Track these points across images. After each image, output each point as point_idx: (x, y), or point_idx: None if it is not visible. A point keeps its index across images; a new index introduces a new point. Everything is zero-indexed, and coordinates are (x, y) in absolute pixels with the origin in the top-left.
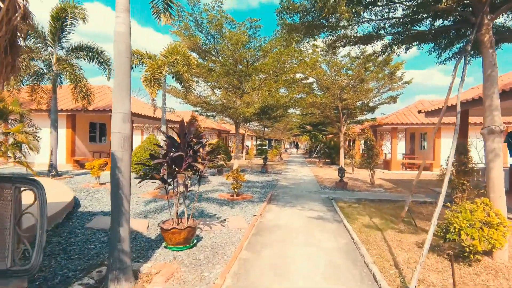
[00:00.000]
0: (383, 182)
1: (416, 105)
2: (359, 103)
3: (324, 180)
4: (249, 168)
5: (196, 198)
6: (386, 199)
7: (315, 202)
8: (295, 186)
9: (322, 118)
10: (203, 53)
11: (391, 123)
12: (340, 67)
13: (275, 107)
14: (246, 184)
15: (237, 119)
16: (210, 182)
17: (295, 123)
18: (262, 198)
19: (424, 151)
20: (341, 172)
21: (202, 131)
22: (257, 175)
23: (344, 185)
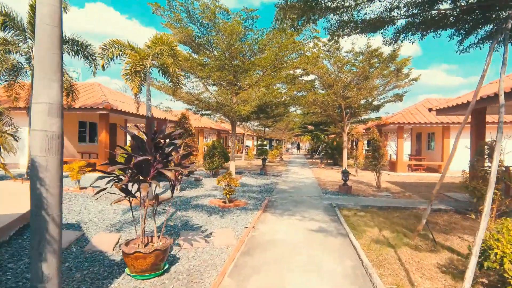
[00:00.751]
0: (389, 186)
1: (423, 103)
2: (363, 101)
3: (326, 183)
4: (248, 169)
5: (167, 214)
6: (395, 206)
7: (316, 209)
8: (295, 191)
9: (324, 118)
10: (196, 46)
11: (397, 123)
12: (343, 63)
13: (274, 105)
14: (242, 188)
15: (233, 117)
16: (203, 186)
17: (296, 123)
18: (258, 205)
19: (431, 152)
20: (345, 175)
21: (193, 131)
22: (255, 178)
23: (348, 189)
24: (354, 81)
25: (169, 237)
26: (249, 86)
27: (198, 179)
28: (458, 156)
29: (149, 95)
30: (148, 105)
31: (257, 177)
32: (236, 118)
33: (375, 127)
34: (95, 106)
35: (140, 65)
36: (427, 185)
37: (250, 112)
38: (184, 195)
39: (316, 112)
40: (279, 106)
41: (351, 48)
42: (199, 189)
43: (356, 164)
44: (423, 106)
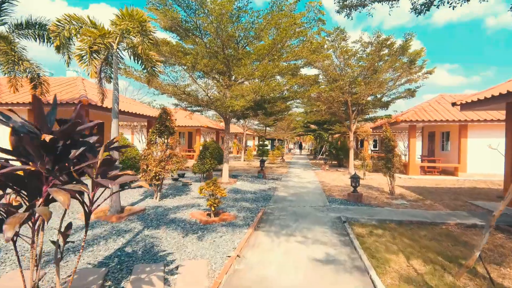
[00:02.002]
0: (404, 191)
1: (437, 100)
2: (371, 97)
3: (332, 189)
4: (246, 171)
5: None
6: (419, 221)
7: (322, 226)
8: (296, 198)
9: (328, 116)
10: (183, 33)
11: (409, 120)
12: (350, 54)
13: (272, 99)
14: (234, 196)
15: (226, 114)
16: (190, 193)
17: (299, 122)
18: (250, 219)
19: (446, 153)
20: (355, 181)
21: (175, 129)
22: (252, 182)
23: (359, 197)
24: (362, 75)
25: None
26: (243, 77)
27: (186, 184)
28: (476, 157)
29: (116, 84)
30: (115, 96)
31: (254, 181)
32: (229, 115)
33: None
34: (71, 101)
35: (99, 43)
36: (447, 191)
37: (245, 108)
38: (163, 205)
39: (320, 109)
40: (279, 101)
41: (358, 38)
42: (184, 196)
43: (364, 166)
44: (437, 102)
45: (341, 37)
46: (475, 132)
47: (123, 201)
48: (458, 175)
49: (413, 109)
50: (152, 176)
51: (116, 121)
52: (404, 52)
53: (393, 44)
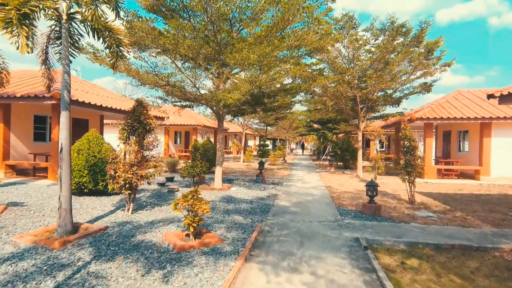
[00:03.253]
0: (424, 199)
1: (454, 96)
2: (381, 93)
3: (341, 196)
4: (244, 174)
5: None
6: (461, 245)
7: (336, 253)
8: (299, 210)
9: (333, 114)
10: (169, 14)
11: (425, 118)
12: (361, 43)
13: (272, 93)
14: (226, 206)
15: (217, 109)
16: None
17: (301, 121)
18: (241, 242)
19: (464, 154)
20: (372, 189)
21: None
22: (249, 187)
23: (377, 210)
24: (373, 67)
25: None
26: (236, 63)
27: (172, 190)
28: (502, 159)
29: (67, 66)
30: (65, 82)
31: (252, 186)
32: (222, 110)
33: (393, 125)
34: (40, 94)
35: (33, 6)
36: (476, 199)
37: (240, 103)
38: (135, 219)
39: (327, 105)
40: (280, 94)
41: (370, 26)
42: (165, 207)
43: (375, 169)
44: (454, 98)
45: (350, 25)
46: (500, 131)
47: (85, 215)
48: (480, 179)
49: (428, 106)
50: (121, 184)
51: (66, 114)
52: (420, 42)
53: (409, 32)
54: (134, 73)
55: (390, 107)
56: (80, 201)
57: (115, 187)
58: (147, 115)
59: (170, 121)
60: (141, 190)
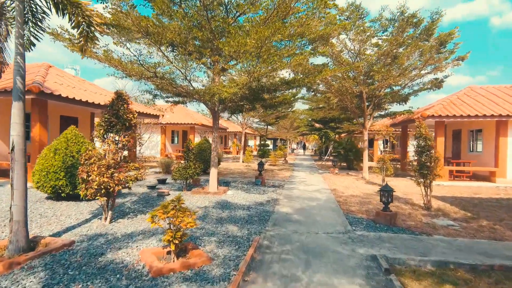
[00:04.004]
0: (440, 204)
1: (466, 93)
2: (389, 89)
3: (348, 201)
4: (243, 176)
5: None
6: (502, 265)
7: (350, 278)
8: (303, 218)
9: (337, 113)
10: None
11: (437, 116)
12: (368, 34)
13: (272, 86)
14: (220, 214)
15: (212, 104)
16: None
17: (303, 120)
18: (233, 261)
19: (477, 154)
20: (387, 195)
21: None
22: (247, 191)
23: (392, 218)
24: (381, 61)
25: None
26: (231, 50)
27: (162, 194)
28: None
29: (20, 46)
30: (18, 65)
31: (251, 189)
32: (216, 106)
33: (401, 123)
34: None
35: None
36: (498, 205)
37: (237, 97)
38: (111, 231)
39: (331, 102)
40: (281, 88)
41: (378, 16)
42: (144, 216)
43: (383, 170)
44: (466, 95)
45: (357, 14)
46: None
47: (55, 225)
48: (495, 182)
49: (439, 103)
50: (95, 189)
51: (18, 106)
52: (430, 35)
53: (420, 23)
54: (117, 62)
55: (397, 105)
56: (56, 207)
57: (88, 193)
58: (128, 110)
59: (167, 120)
60: (127, 194)
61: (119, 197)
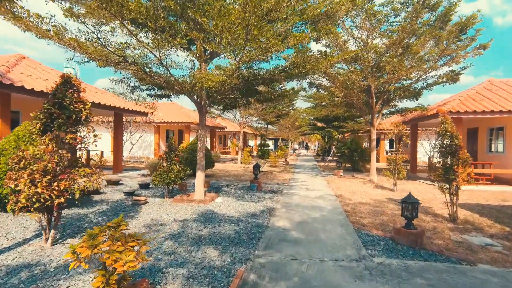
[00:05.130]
0: (467, 215)
1: (485, 86)
2: (397, 84)
3: (358, 210)
4: (238, 179)
5: None
6: None
7: None
8: (304, 237)
9: (340, 111)
10: None
11: (455, 112)
12: (379, 19)
13: (267, 75)
14: (201, 229)
15: (197, 96)
16: (131, 221)
17: (304, 120)
18: None
19: (497, 155)
20: (410, 207)
21: (85, 115)
22: (239, 198)
23: (418, 238)
24: (393, 50)
25: None
26: (215, 28)
27: (137, 203)
28: None
29: None
30: None
31: (244, 195)
32: (202, 98)
33: (410, 121)
34: None
35: None
36: None
37: (226, 87)
38: (47, 258)
39: (336, 98)
40: (278, 76)
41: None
42: None
43: (395, 173)
44: (486, 89)
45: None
46: None
47: None
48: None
49: (456, 98)
50: (23, 202)
51: None
52: (446, 22)
53: (438, 5)
54: (72, 41)
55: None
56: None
57: (16, 208)
58: (77, 98)
59: (160, 118)
60: (97, 203)
61: (86, 206)
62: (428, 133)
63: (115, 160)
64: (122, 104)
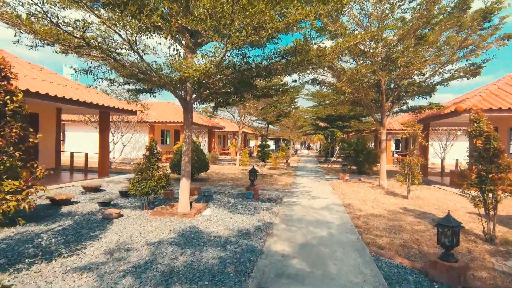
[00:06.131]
0: (505, 232)
1: (507, 82)
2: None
3: (372, 226)
4: (234, 184)
5: None
6: None
7: None
8: (308, 270)
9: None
10: None
11: (478, 109)
12: (393, 2)
13: (263, 66)
14: (174, 259)
15: (180, 89)
16: (91, 245)
17: (306, 120)
18: None
19: None
20: (449, 232)
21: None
22: (232, 210)
23: (461, 273)
24: (408, 39)
25: None
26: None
27: (108, 217)
28: None
29: None
30: None
31: (238, 206)
32: (189, 93)
33: (421, 121)
34: None
35: None
36: None
37: (213, 79)
38: None
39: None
40: (278, 65)
41: None
42: (54, 264)
43: (409, 179)
44: (508, 85)
45: None
46: None
47: None
48: None
49: (476, 94)
50: None
51: None
52: (465, 9)
53: None
54: (12, 17)
55: (418, 99)
56: None
57: None
58: (9, 85)
59: (154, 118)
60: (61, 216)
61: (47, 221)
62: (439, 133)
63: (100, 163)
64: (106, 102)
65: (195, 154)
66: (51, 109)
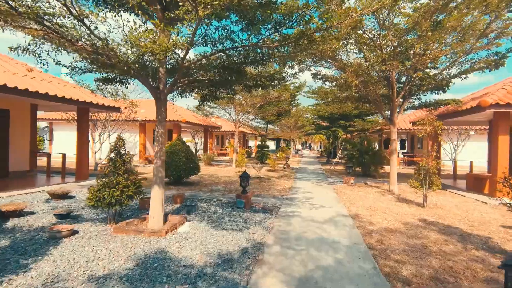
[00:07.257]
0: None
1: None
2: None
3: (389, 247)
4: (227, 188)
5: None
6: None
7: None
8: None
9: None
10: None
11: (504, 104)
12: None
13: (252, 42)
14: None
15: (151, 77)
16: (18, 276)
17: (307, 119)
18: None
19: None
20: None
21: None
22: (216, 223)
23: None
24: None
25: None
26: None
27: (55, 236)
28: None
29: None
30: None
31: (225, 218)
32: (162, 80)
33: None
34: None
35: None
36: None
37: (193, 63)
38: None
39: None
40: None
41: None
42: None
43: (425, 185)
44: None
45: None
46: None
47: None
48: None
49: (501, 88)
50: None
51: None
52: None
53: None
54: None
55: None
56: None
57: None
58: None
59: (143, 116)
60: (2, 232)
61: None
62: (449, 133)
63: (78, 165)
64: (84, 97)
65: (183, 155)
66: (25, 105)
